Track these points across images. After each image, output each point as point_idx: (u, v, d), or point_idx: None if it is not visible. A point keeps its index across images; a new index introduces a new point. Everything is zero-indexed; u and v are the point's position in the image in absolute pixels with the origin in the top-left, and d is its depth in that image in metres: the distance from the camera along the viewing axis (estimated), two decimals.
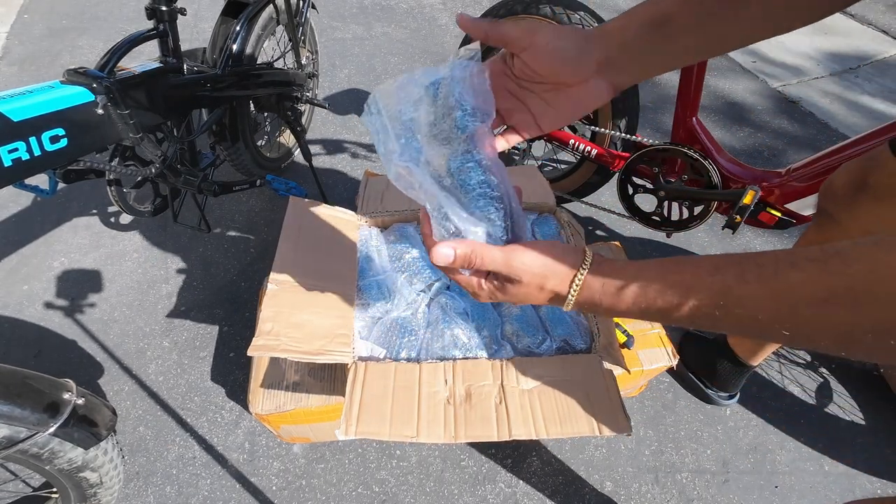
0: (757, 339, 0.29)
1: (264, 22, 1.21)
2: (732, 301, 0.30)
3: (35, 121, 0.72)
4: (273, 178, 1.36)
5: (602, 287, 0.37)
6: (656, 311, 0.34)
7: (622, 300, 0.36)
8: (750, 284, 0.30)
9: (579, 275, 0.37)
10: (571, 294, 0.38)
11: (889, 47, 2.33)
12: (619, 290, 0.36)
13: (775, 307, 0.29)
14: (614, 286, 0.36)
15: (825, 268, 0.27)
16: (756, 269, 0.30)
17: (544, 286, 0.39)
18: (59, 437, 0.68)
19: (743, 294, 0.30)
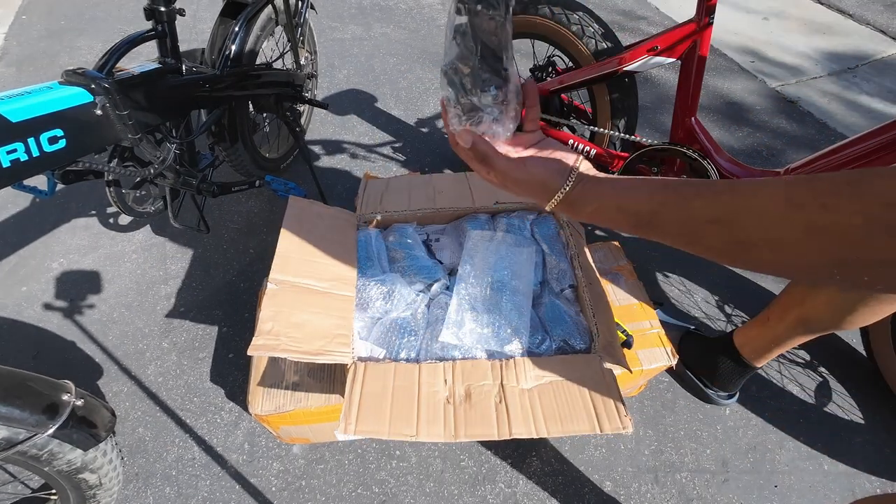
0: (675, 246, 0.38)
1: (263, 22, 1.21)
2: (657, 222, 0.40)
3: (33, 122, 0.72)
4: (272, 178, 1.36)
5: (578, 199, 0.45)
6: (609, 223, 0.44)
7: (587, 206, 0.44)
8: (668, 210, 0.39)
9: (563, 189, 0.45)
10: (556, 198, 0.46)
11: (887, 47, 2.34)
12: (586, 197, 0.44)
13: (683, 228, 0.39)
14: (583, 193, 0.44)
15: (719, 197, 0.36)
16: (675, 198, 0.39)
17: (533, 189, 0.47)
18: (58, 439, 0.67)
19: (664, 216, 0.40)
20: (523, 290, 0.91)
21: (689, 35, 1.04)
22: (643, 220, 0.41)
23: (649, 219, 0.40)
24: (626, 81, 1.18)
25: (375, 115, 1.87)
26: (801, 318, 0.88)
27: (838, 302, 0.81)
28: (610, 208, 0.43)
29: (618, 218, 0.43)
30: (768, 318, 0.95)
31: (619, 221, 0.43)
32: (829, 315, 0.84)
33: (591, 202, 0.44)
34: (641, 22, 2.47)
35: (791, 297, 0.90)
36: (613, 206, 0.43)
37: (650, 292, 1.11)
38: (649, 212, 0.40)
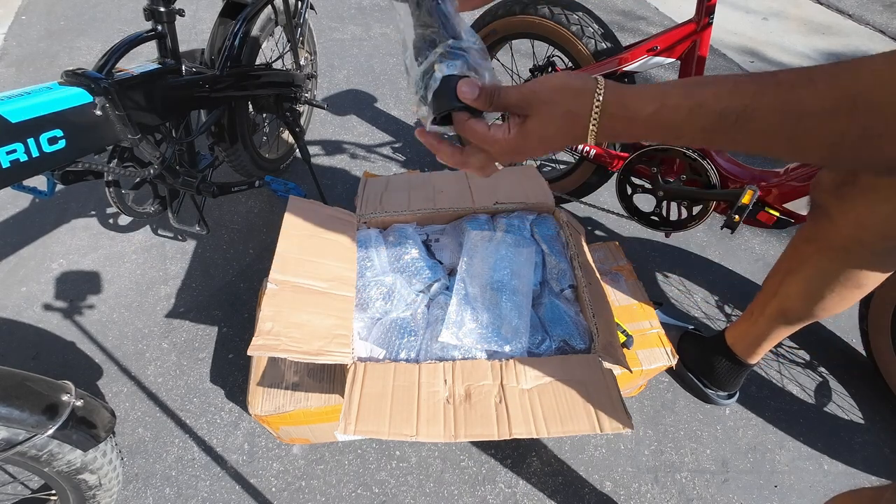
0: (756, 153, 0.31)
1: (263, 23, 1.21)
2: (747, 117, 0.32)
3: (33, 122, 0.72)
4: (272, 178, 1.36)
5: (624, 96, 0.37)
6: (677, 124, 0.35)
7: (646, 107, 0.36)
8: (766, 99, 0.32)
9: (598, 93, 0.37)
10: (596, 107, 0.37)
11: (886, 47, 2.34)
12: (643, 97, 0.36)
13: (783, 119, 0.31)
14: (638, 94, 0.37)
15: (836, 82, 0.30)
16: (774, 87, 0.32)
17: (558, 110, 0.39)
18: (58, 439, 0.67)
19: (758, 107, 0.32)
20: (523, 290, 0.91)
21: (689, 35, 1.04)
22: (728, 120, 0.33)
23: (737, 117, 0.33)
24: (625, 82, 1.18)
25: (375, 115, 1.87)
26: (778, 309, 0.88)
27: (809, 290, 0.81)
28: (679, 108, 0.35)
29: (689, 120, 0.34)
30: (752, 313, 0.95)
31: (689, 126, 0.35)
32: (801, 304, 0.84)
33: (649, 103, 0.36)
34: (641, 22, 2.47)
35: (767, 289, 0.91)
36: (685, 105, 0.34)
37: (650, 292, 1.11)
38: (739, 107, 0.32)
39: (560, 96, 0.39)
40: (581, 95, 0.38)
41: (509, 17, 1.25)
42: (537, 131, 0.40)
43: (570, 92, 0.38)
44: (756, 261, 1.41)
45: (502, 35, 1.32)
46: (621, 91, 0.37)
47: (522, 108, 0.41)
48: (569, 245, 1.01)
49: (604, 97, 0.37)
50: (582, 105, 0.38)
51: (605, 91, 0.37)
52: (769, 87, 0.32)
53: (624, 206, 1.27)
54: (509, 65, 1.46)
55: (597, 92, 0.37)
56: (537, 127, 0.40)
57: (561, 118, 0.39)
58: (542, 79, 0.40)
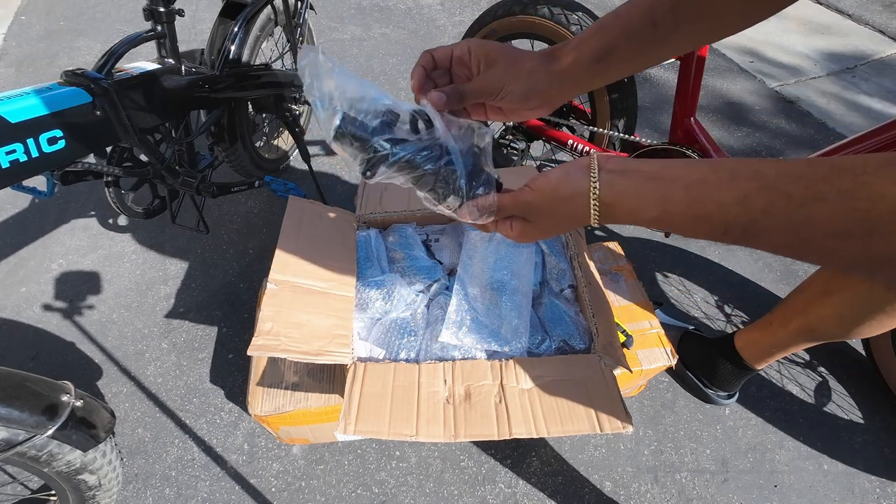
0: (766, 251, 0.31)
1: (262, 23, 1.21)
2: (756, 233, 0.31)
3: (33, 122, 0.72)
4: (271, 179, 1.36)
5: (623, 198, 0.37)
6: (681, 228, 0.35)
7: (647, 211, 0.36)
8: (775, 219, 0.30)
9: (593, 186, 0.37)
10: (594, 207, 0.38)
11: (886, 47, 2.34)
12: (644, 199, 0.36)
13: (793, 239, 0.30)
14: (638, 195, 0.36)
15: (852, 204, 0.28)
16: (783, 202, 0.30)
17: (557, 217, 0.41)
18: (58, 440, 0.67)
19: (765, 227, 0.31)
20: (523, 290, 0.91)
21: None
22: (734, 232, 0.32)
23: (743, 231, 0.32)
24: (625, 81, 1.18)
25: None
26: (805, 326, 0.88)
27: (846, 314, 0.80)
28: (683, 216, 0.34)
29: (694, 228, 0.34)
30: (770, 323, 0.94)
31: (693, 232, 0.34)
32: (834, 326, 0.83)
33: (650, 207, 0.35)
34: None
35: (795, 304, 0.90)
36: (688, 214, 0.34)
37: (650, 292, 1.11)
38: (747, 222, 0.31)
39: (555, 204, 0.40)
40: (575, 200, 0.39)
41: (509, 18, 1.25)
42: (540, 231, 0.44)
43: (563, 199, 0.40)
44: (756, 261, 1.41)
45: (502, 35, 1.32)
46: (620, 192, 0.37)
47: (524, 215, 0.44)
48: (568, 245, 1.01)
49: (601, 198, 0.38)
50: (579, 207, 0.39)
51: (602, 191, 0.37)
52: (779, 202, 0.30)
53: None
54: None
55: (592, 191, 0.38)
56: (539, 228, 0.44)
57: (561, 220, 0.42)
58: (536, 186, 0.42)
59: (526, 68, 0.46)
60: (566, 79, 0.47)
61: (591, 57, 0.45)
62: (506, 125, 1.34)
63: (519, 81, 0.46)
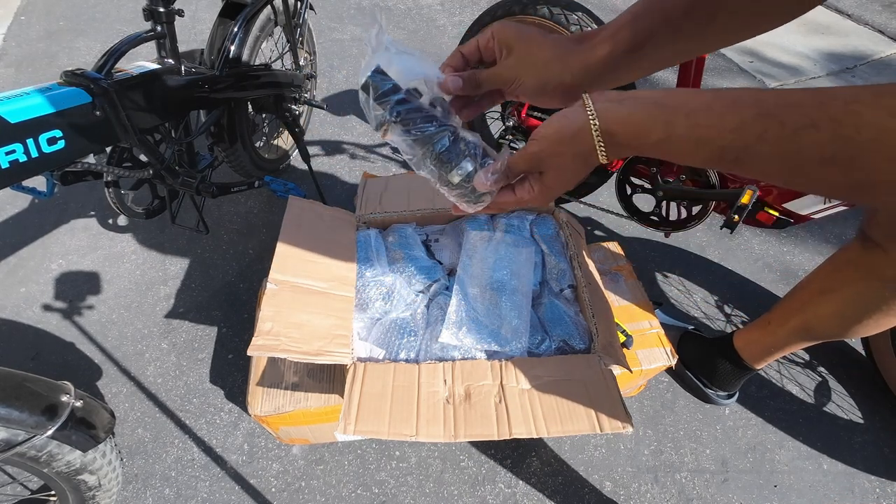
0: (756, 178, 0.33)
1: (262, 23, 1.21)
2: (749, 157, 0.33)
3: (32, 122, 0.72)
4: (271, 179, 1.36)
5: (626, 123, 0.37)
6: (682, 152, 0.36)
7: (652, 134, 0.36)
8: (767, 144, 0.32)
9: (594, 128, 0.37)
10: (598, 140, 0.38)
11: (885, 47, 2.34)
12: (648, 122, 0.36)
13: (782, 165, 0.32)
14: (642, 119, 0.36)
15: (839, 130, 0.29)
16: (777, 129, 0.31)
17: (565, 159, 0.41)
18: (58, 440, 0.67)
19: (757, 152, 0.32)
20: (523, 290, 0.91)
21: None
22: (729, 156, 0.33)
23: (737, 155, 0.33)
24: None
25: None
26: (803, 324, 0.88)
27: (845, 313, 0.80)
28: (684, 139, 0.35)
29: (694, 151, 0.35)
30: (769, 323, 0.94)
31: (692, 155, 0.35)
32: (833, 325, 0.83)
33: (654, 130, 0.36)
34: None
35: (793, 303, 0.90)
36: (691, 137, 0.35)
37: (650, 292, 1.11)
38: (741, 147, 0.33)
39: (561, 147, 0.40)
40: (579, 136, 0.39)
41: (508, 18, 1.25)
42: (556, 180, 0.43)
43: (567, 139, 0.40)
44: (755, 261, 1.41)
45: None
46: (622, 120, 0.37)
47: (535, 168, 0.43)
48: (568, 245, 1.01)
49: (602, 129, 0.38)
50: (584, 143, 0.39)
51: (601, 121, 0.38)
52: (773, 129, 0.31)
53: (623, 205, 1.27)
54: None
55: (592, 124, 0.38)
56: (555, 178, 0.43)
57: (571, 162, 0.41)
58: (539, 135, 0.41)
59: (541, 59, 0.45)
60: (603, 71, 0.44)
61: (626, 48, 0.44)
62: (506, 125, 1.34)
63: (531, 74, 0.45)
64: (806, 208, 1.02)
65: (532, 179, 0.44)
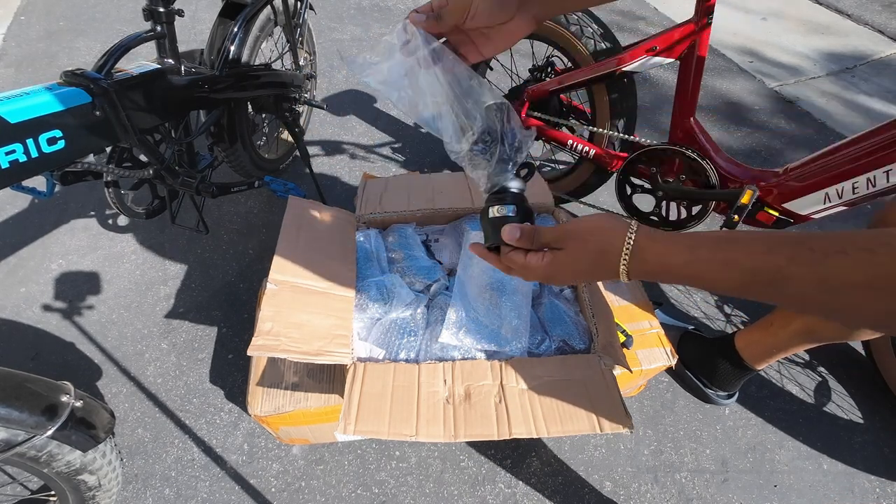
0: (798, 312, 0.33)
1: (262, 23, 1.21)
2: (781, 280, 0.33)
3: (32, 122, 0.72)
4: (271, 179, 1.36)
5: (655, 241, 0.39)
6: (709, 277, 0.37)
7: (677, 256, 0.38)
8: (799, 267, 0.32)
9: (629, 235, 0.39)
10: (626, 248, 0.40)
11: (885, 47, 2.34)
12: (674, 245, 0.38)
13: (820, 289, 0.31)
14: (670, 241, 0.38)
15: (872, 258, 0.29)
16: (807, 253, 0.32)
17: (589, 247, 0.42)
18: (57, 440, 0.67)
19: (792, 275, 0.32)
20: (522, 290, 0.91)
21: (688, 35, 1.04)
22: (761, 279, 0.33)
23: (770, 278, 0.33)
24: (624, 82, 1.18)
25: (374, 115, 1.87)
26: (806, 327, 0.88)
27: None
28: (710, 262, 0.36)
29: (722, 275, 0.35)
30: (771, 324, 0.94)
31: (722, 279, 0.35)
32: (835, 328, 0.83)
33: (680, 252, 0.37)
34: (640, 22, 2.47)
35: None
36: (717, 259, 0.35)
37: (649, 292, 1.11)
38: (773, 269, 0.33)
39: (592, 235, 0.42)
40: (612, 234, 0.41)
41: None
42: (569, 264, 0.44)
43: (601, 232, 0.42)
44: None
45: None
46: (653, 236, 0.39)
47: (558, 242, 0.45)
48: None
49: (635, 239, 0.39)
50: (612, 244, 0.41)
51: (637, 234, 0.39)
52: (803, 253, 0.32)
53: (623, 206, 1.27)
54: (508, 65, 1.46)
55: (629, 233, 0.40)
56: (569, 260, 0.44)
57: (592, 254, 0.42)
58: (580, 219, 0.44)
59: None
60: None
61: None
62: None
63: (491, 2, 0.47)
64: (806, 208, 1.02)
65: (548, 251, 0.46)
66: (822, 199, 0.99)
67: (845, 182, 0.93)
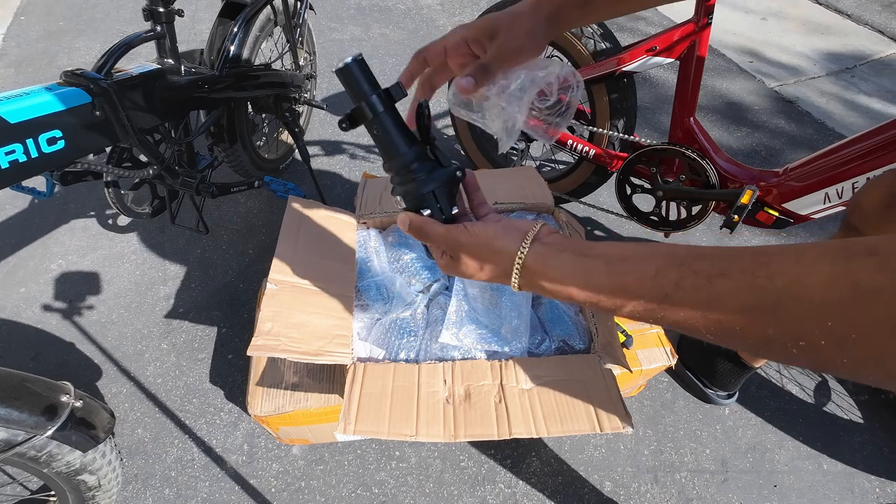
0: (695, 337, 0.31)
1: (262, 23, 1.21)
2: (667, 307, 0.32)
3: (32, 123, 0.72)
4: (271, 179, 1.36)
5: (548, 267, 0.38)
6: (602, 303, 0.36)
7: (570, 282, 0.37)
8: (685, 292, 0.31)
9: (521, 251, 0.39)
10: (515, 276, 0.40)
11: (885, 47, 2.34)
12: (567, 270, 0.38)
13: (704, 315, 0.31)
14: (561, 266, 0.38)
15: (752, 281, 0.28)
16: (692, 277, 0.31)
17: (483, 266, 0.42)
18: (57, 440, 0.67)
19: (677, 301, 0.32)
20: None
21: (688, 35, 1.04)
22: (650, 306, 0.33)
23: (659, 304, 0.32)
24: (624, 82, 1.18)
25: None
26: None
27: None
28: (602, 288, 0.35)
29: (613, 301, 0.35)
30: None
31: (612, 305, 0.35)
32: None
33: (573, 278, 0.37)
34: (640, 22, 2.47)
35: None
36: (608, 286, 0.35)
37: None
38: (660, 296, 0.32)
39: (484, 253, 0.42)
40: (502, 256, 0.40)
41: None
42: (465, 273, 0.44)
43: (492, 252, 0.41)
44: None
45: None
46: (546, 263, 0.38)
47: (450, 251, 0.44)
48: None
49: (525, 263, 0.39)
50: (503, 264, 0.40)
51: (529, 258, 0.39)
52: (688, 277, 0.31)
53: (623, 206, 1.27)
54: None
55: (519, 255, 0.39)
56: (463, 271, 0.44)
57: (483, 271, 0.43)
58: (474, 231, 0.42)
59: (525, 28, 0.47)
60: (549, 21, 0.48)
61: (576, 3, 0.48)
62: None
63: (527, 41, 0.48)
64: (805, 208, 1.03)
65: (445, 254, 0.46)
66: (822, 199, 0.99)
67: (845, 182, 0.94)
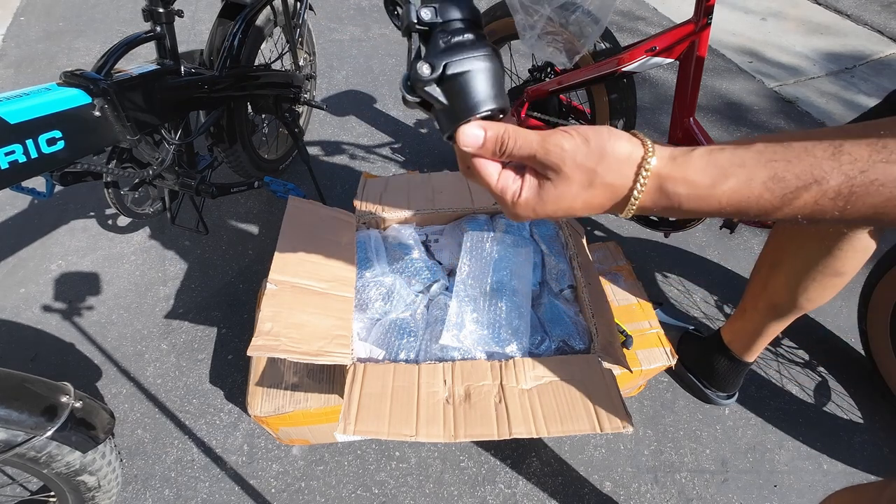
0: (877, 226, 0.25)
1: (262, 24, 1.21)
2: (866, 185, 0.25)
3: (32, 123, 0.72)
4: (271, 179, 1.36)
5: (683, 176, 0.29)
6: (760, 209, 0.28)
7: (713, 195, 0.28)
8: (879, 176, 0.25)
9: (647, 159, 0.29)
10: (639, 186, 0.30)
11: (885, 47, 2.34)
12: (708, 180, 0.28)
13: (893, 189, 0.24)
14: (701, 174, 0.29)
15: None
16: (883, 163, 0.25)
17: (594, 179, 0.30)
18: (57, 441, 0.67)
19: (885, 175, 0.25)
20: (522, 290, 0.91)
21: (688, 35, 1.04)
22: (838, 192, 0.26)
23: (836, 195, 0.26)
24: (624, 82, 1.18)
25: (374, 115, 1.87)
26: (769, 303, 0.89)
27: (793, 280, 0.82)
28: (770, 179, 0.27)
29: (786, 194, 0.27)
30: (745, 310, 0.96)
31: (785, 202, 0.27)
32: (788, 295, 0.85)
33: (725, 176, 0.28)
34: (640, 22, 2.47)
35: (756, 284, 0.91)
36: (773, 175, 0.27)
37: (649, 292, 1.11)
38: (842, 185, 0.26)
39: (601, 163, 0.30)
40: (625, 165, 0.30)
41: (508, 19, 1.25)
42: (560, 202, 0.32)
43: (613, 160, 0.30)
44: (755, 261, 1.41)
45: (501, 36, 1.32)
46: (682, 162, 0.29)
47: (545, 167, 0.32)
48: (568, 245, 1.01)
49: (654, 169, 0.30)
50: (622, 173, 0.30)
51: (659, 162, 0.30)
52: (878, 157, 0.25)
53: None
54: (508, 65, 1.46)
55: (645, 163, 0.30)
56: (560, 197, 0.32)
57: (596, 190, 0.31)
58: (578, 136, 0.31)
59: None
60: None
61: None
62: None
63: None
64: None
65: (528, 179, 0.33)
66: None
67: None
